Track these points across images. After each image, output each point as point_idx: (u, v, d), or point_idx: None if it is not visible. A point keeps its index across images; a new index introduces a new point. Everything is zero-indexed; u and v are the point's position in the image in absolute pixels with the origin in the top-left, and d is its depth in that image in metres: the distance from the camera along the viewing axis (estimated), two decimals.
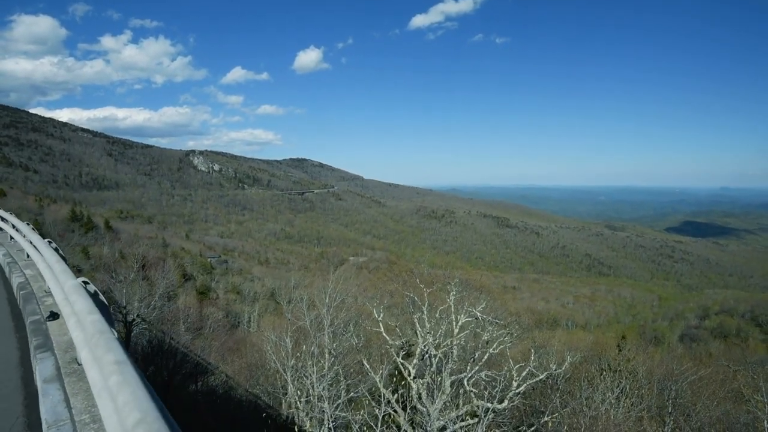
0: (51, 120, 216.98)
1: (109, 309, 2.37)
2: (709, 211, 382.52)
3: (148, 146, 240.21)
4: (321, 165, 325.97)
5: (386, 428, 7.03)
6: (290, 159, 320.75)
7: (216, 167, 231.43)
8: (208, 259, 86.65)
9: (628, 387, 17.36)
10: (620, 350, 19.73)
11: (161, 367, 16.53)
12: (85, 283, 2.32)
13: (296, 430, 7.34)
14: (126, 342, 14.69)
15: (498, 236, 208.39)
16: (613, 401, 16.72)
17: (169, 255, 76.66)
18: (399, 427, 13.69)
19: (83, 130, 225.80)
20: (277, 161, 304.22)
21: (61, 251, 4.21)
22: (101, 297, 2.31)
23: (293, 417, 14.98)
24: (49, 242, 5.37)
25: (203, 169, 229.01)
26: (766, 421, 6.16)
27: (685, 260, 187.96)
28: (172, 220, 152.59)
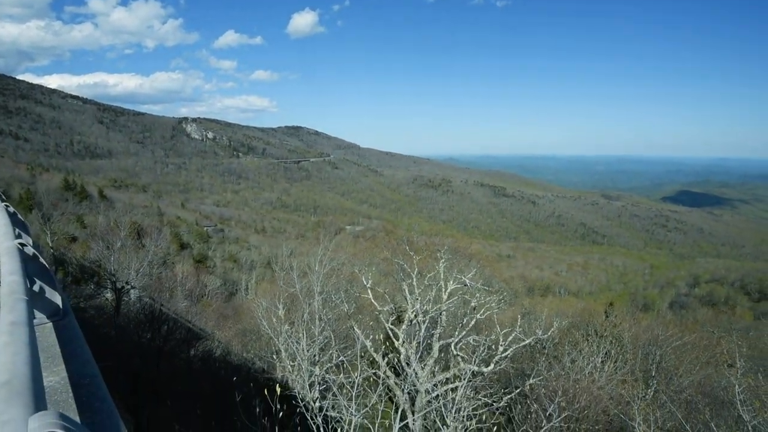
0: (40, 87, 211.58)
1: (49, 272, 2.31)
2: (705, 181, 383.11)
3: (140, 113, 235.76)
4: (317, 133, 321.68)
5: (376, 391, 7.20)
6: (285, 127, 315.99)
7: (210, 135, 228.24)
8: (205, 228, 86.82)
9: (613, 351, 17.80)
10: (607, 316, 20.12)
11: (156, 334, 16.77)
12: (22, 245, 2.26)
13: (286, 392, 7.51)
14: (116, 309, 14.81)
15: (494, 205, 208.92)
16: (598, 365, 17.18)
17: (165, 224, 76.67)
18: (389, 390, 14.10)
19: (73, 97, 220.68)
20: (272, 129, 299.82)
21: (11, 209, 4.12)
22: (41, 260, 2.26)
23: (286, 380, 15.37)
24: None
25: (197, 137, 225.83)
26: (737, 385, 6.31)
27: (678, 230, 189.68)
28: (167, 189, 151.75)
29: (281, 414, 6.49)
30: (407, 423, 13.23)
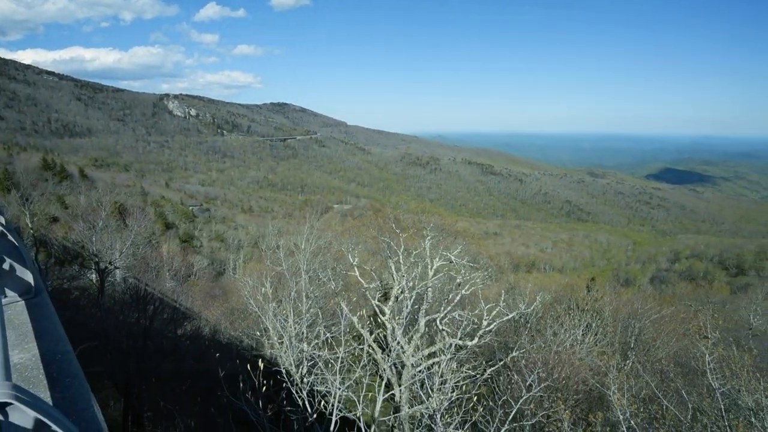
0: (13, 62, 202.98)
1: (19, 250, 2.28)
2: (688, 158, 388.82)
3: (119, 90, 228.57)
4: (303, 110, 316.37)
5: (363, 366, 7.33)
6: (270, 103, 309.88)
7: (192, 112, 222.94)
8: (190, 208, 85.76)
9: (593, 325, 18.33)
10: (589, 291, 20.64)
11: (142, 314, 16.71)
12: None
13: (274, 368, 7.61)
14: (100, 289, 14.68)
15: (482, 183, 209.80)
16: (578, 337, 17.69)
17: (149, 204, 75.58)
18: (376, 364, 14.37)
19: (48, 73, 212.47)
20: (256, 106, 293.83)
21: None
22: (10, 237, 2.22)
23: (274, 357, 15.52)
24: None
25: (179, 114, 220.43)
26: (707, 355, 6.58)
27: (661, 207, 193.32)
28: (150, 168, 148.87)
29: (269, 389, 6.60)
30: (393, 395, 13.58)
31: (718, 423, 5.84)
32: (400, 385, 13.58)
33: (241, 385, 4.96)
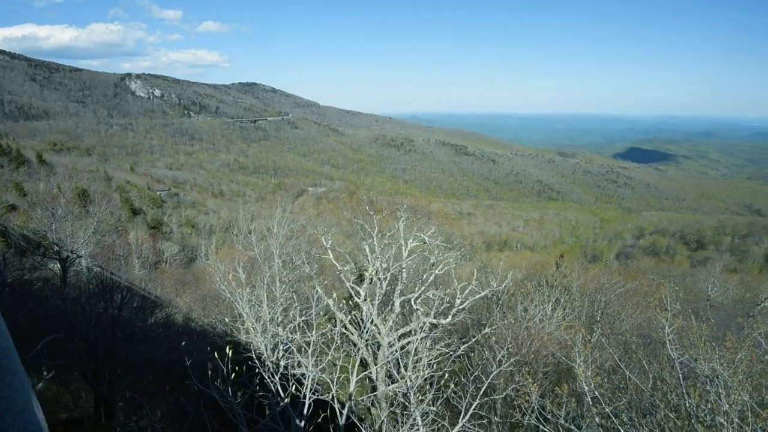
0: None
1: None
2: (653, 138, 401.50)
3: (77, 69, 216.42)
4: (273, 90, 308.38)
5: (336, 347, 7.34)
6: (239, 83, 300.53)
7: (157, 93, 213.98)
8: (158, 193, 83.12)
9: (562, 300, 18.95)
10: (558, 267, 21.23)
11: (109, 303, 16.22)
12: None
13: (247, 354, 7.53)
14: (63, 280, 14.12)
15: (456, 164, 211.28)
16: (548, 312, 18.29)
17: (113, 189, 72.86)
18: (353, 345, 14.48)
19: None
20: (224, 86, 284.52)
21: None
22: None
23: (248, 343, 15.40)
24: None
25: (142, 95, 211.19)
26: (667, 327, 6.90)
27: (627, 185, 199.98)
28: (114, 151, 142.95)
29: (242, 375, 6.53)
30: (369, 375, 13.76)
31: (676, 391, 6.18)
32: (376, 365, 13.77)
33: (210, 373, 4.87)
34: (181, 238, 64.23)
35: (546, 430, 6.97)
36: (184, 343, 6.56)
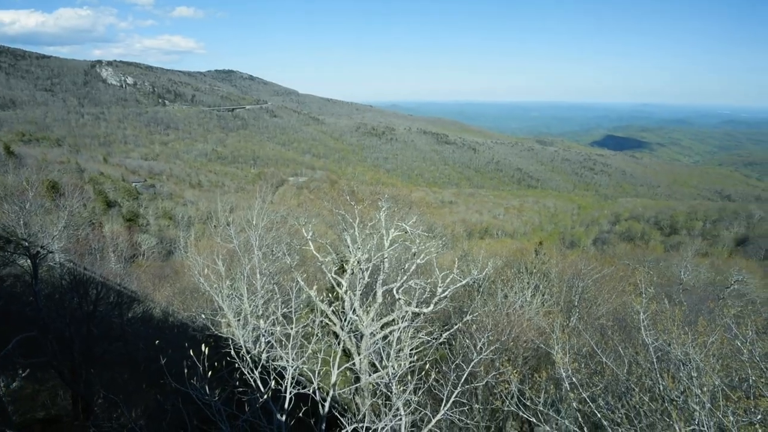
0: None
1: None
2: (628, 125, 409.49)
3: (45, 57, 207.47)
4: (251, 78, 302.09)
5: (318, 340, 7.30)
6: (216, 71, 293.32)
7: (130, 80, 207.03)
8: (133, 184, 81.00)
9: (541, 286, 19.31)
10: (537, 254, 21.58)
11: (83, 299, 15.79)
12: None
13: (225, 350, 7.42)
14: (34, 276, 13.65)
15: (437, 153, 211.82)
16: (528, 299, 18.62)
17: (86, 181, 70.68)
18: (336, 336, 14.46)
19: None
20: (200, 73, 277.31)
21: None
22: None
23: (229, 337, 15.23)
24: None
25: (114, 82, 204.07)
26: (642, 312, 7.07)
27: (604, 172, 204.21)
28: (86, 142, 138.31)
29: (220, 370, 6.43)
30: (353, 365, 13.80)
31: (650, 375, 6.37)
32: (359, 355, 13.81)
33: (186, 371, 4.76)
34: (159, 231, 62.86)
35: (525, 416, 7.11)
36: (157, 342, 6.40)
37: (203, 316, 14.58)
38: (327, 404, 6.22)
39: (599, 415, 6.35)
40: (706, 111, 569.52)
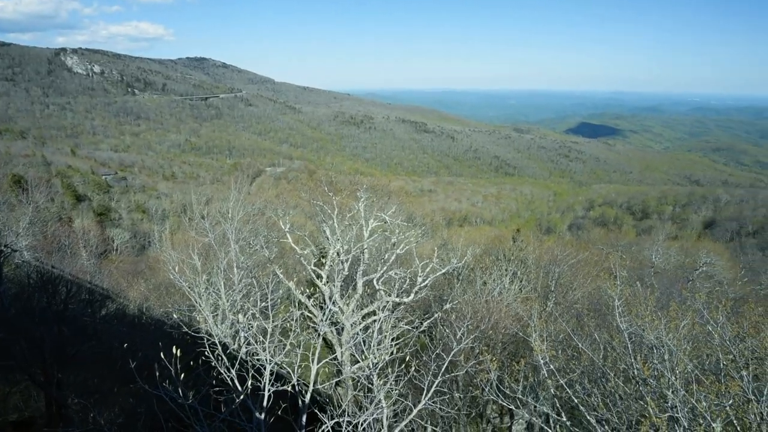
0: None
1: None
2: (602, 113, 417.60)
3: (4, 44, 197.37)
4: (225, 66, 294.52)
5: (296, 335, 7.20)
6: (187, 58, 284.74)
7: (96, 69, 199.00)
8: (103, 177, 78.47)
9: (519, 272, 19.61)
10: (514, 241, 21.88)
11: (52, 298, 15.23)
12: None
13: (198, 348, 7.25)
14: None
15: (416, 141, 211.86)
16: (506, 285, 18.89)
17: (54, 175, 68.13)
18: (316, 329, 14.38)
19: None
20: (171, 61, 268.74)
21: None
22: None
23: (209, 331, 14.97)
24: None
25: (80, 71, 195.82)
26: (616, 299, 7.22)
27: (579, 159, 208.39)
28: (52, 134, 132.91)
29: (196, 368, 6.27)
30: (335, 357, 13.76)
31: (625, 359, 6.53)
32: (341, 346, 13.78)
33: (160, 371, 4.60)
34: (132, 225, 61.22)
35: (505, 404, 7.22)
36: (126, 345, 6.19)
37: (179, 312, 14.28)
38: (307, 399, 6.15)
39: (576, 401, 6.48)
40: (677, 99, 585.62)
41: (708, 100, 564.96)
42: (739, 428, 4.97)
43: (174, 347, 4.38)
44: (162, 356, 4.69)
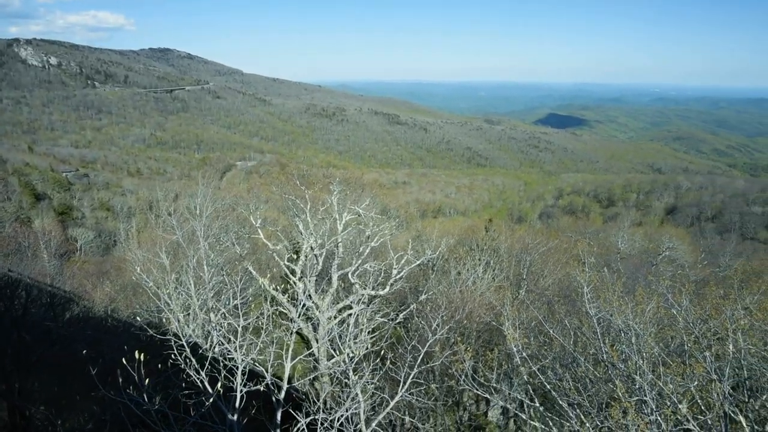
0: None
1: None
2: (569, 104, 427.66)
3: None
4: (190, 57, 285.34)
5: (269, 332, 7.06)
6: (150, 49, 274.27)
7: (53, 61, 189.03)
8: (64, 175, 75.01)
9: (492, 262, 19.93)
10: (487, 231, 22.19)
11: (11, 303, 14.49)
12: None
13: (165, 351, 7.00)
14: None
15: (389, 133, 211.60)
16: (480, 274, 19.17)
17: (9, 173, 64.62)
18: (291, 324, 14.21)
19: None
20: (133, 52, 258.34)
21: None
22: None
23: (179, 332, 14.56)
24: None
25: (35, 63, 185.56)
26: (585, 287, 7.40)
27: (547, 149, 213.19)
28: (6, 130, 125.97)
29: (165, 371, 6.06)
30: (311, 352, 13.64)
31: (594, 344, 6.72)
32: (317, 341, 13.67)
33: (125, 377, 4.40)
34: (96, 223, 58.88)
35: (479, 392, 7.32)
36: (85, 351, 5.91)
37: (148, 313, 13.82)
38: (281, 397, 6.05)
39: (548, 387, 6.63)
40: (640, 90, 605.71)
41: (668, 91, 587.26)
42: (703, 407, 5.20)
43: (137, 351, 4.19)
44: (126, 361, 4.49)
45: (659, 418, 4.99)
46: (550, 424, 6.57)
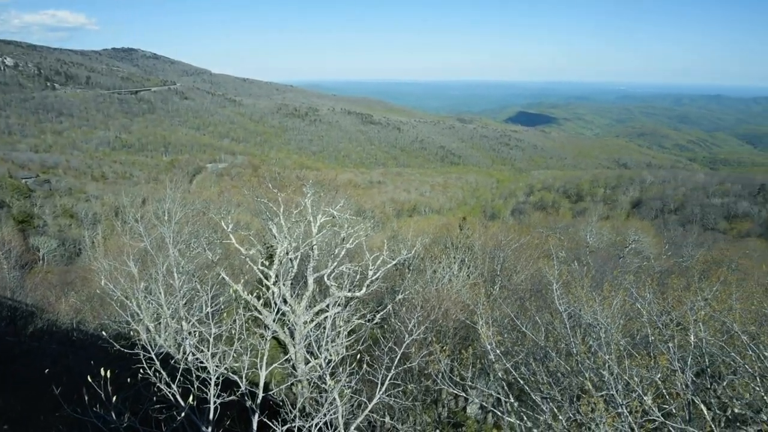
0: None
1: None
2: (539, 102, 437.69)
3: None
4: (156, 56, 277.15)
5: (242, 340, 6.93)
6: (113, 49, 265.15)
7: (9, 62, 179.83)
8: (23, 181, 71.63)
9: (466, 259, 20.19)
10: (461, 229, 22.47)
11: None
12: None
13: (145, 357, 6.78)
14: None
15: (363, 133, 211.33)
16: (455, 272, 19.39)
17: None
18: (266, 330, 14.00)
19: None
20: (95, 52, 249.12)
21: None
22: None
23: (149, 343, 14.13)
24: None
25: None
26: (555, 284, 7.61)
27: (518, 147, 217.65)
28: None
29: (135, 385, 5.88)
30: (288, 357, 13.49)
31: (565, 340, 6.92)
32: (294, 347, 13.52)
33: (86, 397, 4.24)
34: (59, 231, 56.48)
35: (456, 391, 7.41)
36: (47, 370, 5.67)
37: (117, 324, 13.34)
38: (256, 405, 5.96)
39: (522, 382, 6.79)
40: (605, 88, 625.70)
41: (633, 89, 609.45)
42: (668, 397, 5.44)
43: (102, 368, 4.04)
44: (91, 377, 4.32)
45: (625, 410, 5.19)
46: (524, 418, 6.73)
